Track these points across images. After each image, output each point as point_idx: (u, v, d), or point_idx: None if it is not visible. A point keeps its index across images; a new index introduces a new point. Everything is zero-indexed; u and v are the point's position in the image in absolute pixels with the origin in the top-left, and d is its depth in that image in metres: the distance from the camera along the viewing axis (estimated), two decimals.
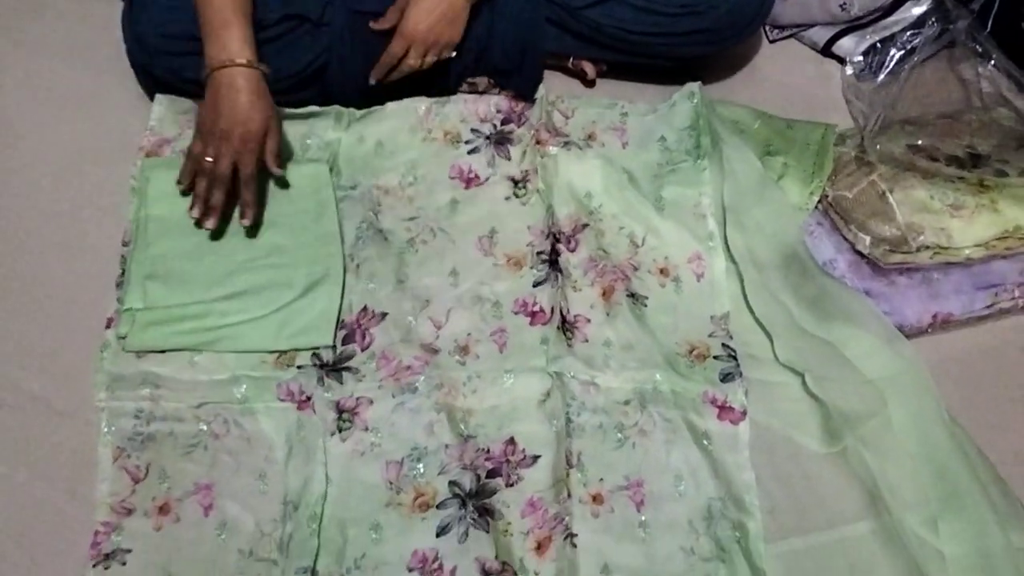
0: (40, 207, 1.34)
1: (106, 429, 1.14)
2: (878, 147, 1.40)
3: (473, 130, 1.47)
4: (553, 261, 1.32)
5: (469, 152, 1.43)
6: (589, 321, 1.29)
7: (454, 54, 1.38)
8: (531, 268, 1.33)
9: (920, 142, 1.42)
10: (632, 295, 1.31)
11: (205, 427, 1.16)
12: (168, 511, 1.10)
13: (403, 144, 1.43)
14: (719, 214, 1.38)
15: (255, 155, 1.22)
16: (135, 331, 1.20)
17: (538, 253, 1.34)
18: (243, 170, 1.22)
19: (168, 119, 1.41)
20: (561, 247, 1.34)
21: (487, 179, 1.41)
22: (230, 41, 1.21)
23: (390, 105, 1.45)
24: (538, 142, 1.43)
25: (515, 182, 1.41)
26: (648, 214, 1.38)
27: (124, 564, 1.06)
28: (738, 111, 1.51)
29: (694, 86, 1.50)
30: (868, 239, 1.33)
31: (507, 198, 1.39)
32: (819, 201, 1.40)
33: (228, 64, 1.20)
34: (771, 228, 1.37)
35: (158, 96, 1.42)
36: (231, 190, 1.24)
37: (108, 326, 1.22)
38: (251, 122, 1.20)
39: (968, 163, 1.39)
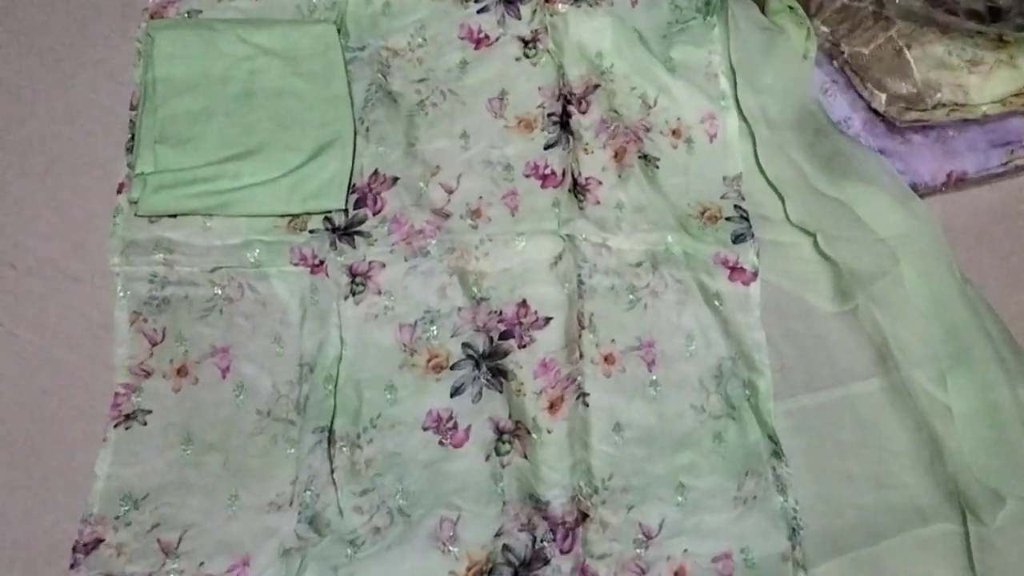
0: (45, 73, 1.32)
1: (121, 294, 1.14)
2: (896, 1, 1.36)
3: None
4: (564, 123, 1.30)
5: (478, 11, 1.38)
6: (601, 183, 1.27)
7: None
8: (542, 130, 1.30)
9: None
10: (644, 156, 1.29)
11: (220, 291, 1.16)
12: (186, 373, 1.11)
13: (411, 4, 1.38)
14: (731, 73, 1.35)
15: None
16: (147, 195, 1.18)
17: (549, 115, 1.31)
18: None
19: None
20: (572, 108, 1.32)
21: (497, 39, 1.37)
22: None
23: None
24: (547, 0, 1.38)
25: (525, 42, 1.36)
26: (660, 74, 1.35)
27: (145, 424, 1.08)
28: None
29: None
30: (884, 97, 1.30)
31: (517, 59, 1.35)
32: (834, 58, 1.36)
33: None
34: (782, 86, 1.33)
35: None
36: None
37: (120, 191, 1.21)
38: None
39: (987, 17, 1.34)
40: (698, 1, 1.42)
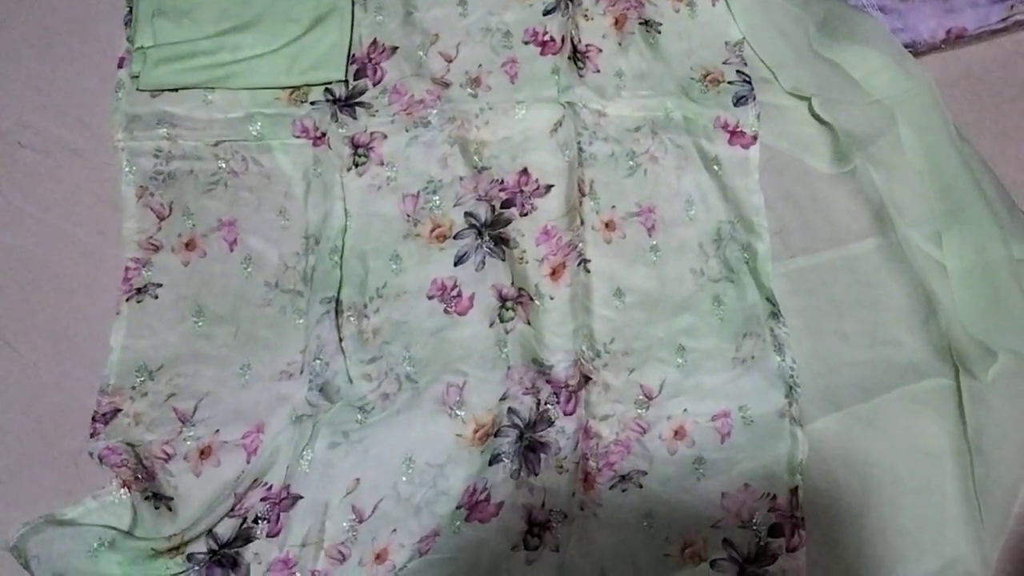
0: None
1: (127, 169, 1.13)
2: None
3: None
4: None
5: None
6: (601, 51, 1.23)
7: None
8: None
9: None
10: (645, 22, 1.26)
11: (224, 164, 1.15)
12: (194, 246, 1.11)
13: None
14: None
15: None
16: (147, 69, 1.16)
17: None
18: None
19: None
20: None
21: None
22: None
23: None
24: None
25: None
26: None
27: (156, 298, 1.08)
28: None
29: None
30: None
31: None
32: None
33: None
34: None
35: None
36: None
37: (120, 66, 1.19)
38: None
39: None
40: None
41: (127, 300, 1.07)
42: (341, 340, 1.06)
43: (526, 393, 1.03)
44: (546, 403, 1.03)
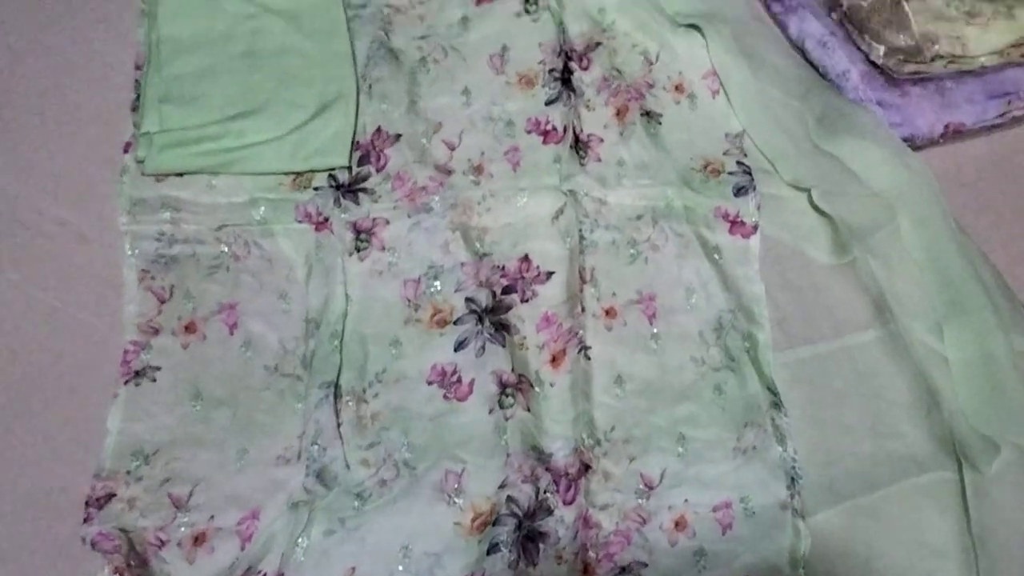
0: (51, 33, 1.30)
1: (130, 252, 1.13)
2: None
3: None
4: (566, 79, 1.28)
5: None
6: (602, 141, 1.25)
7: None
8: (543, 86, 1.28)
9: None
10: (647, 113, 1.28)
11: (226, 248, 1.14)
12: (194, 330, 1.10)
13: None
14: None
15: None
16: (153, 154, 1.17)
17: (550, 71, 1.29)
18: None
19: None
20: (574, 65, 1.30)
21: None
22: None
23: None
24: None
25: None
26: (662, 30, 1.33)
27: (154, 381, 1.06)
28: None
29: None
30: (882, 49, 1.28)
31: (518, 14, 1.33)
32: (832, 11, 1.35)
33: None
34: (773, 55, 1.33)
35: None
36: None
37: (126, 150, 1.19)
38: None
39: None
40: None
41: (125, 383, 1.06)
42: (339, 425, 1.04)
43: (525, 481, 1.01)
44: (545, 492, 1.01)
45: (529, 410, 1.06)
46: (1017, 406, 1.06)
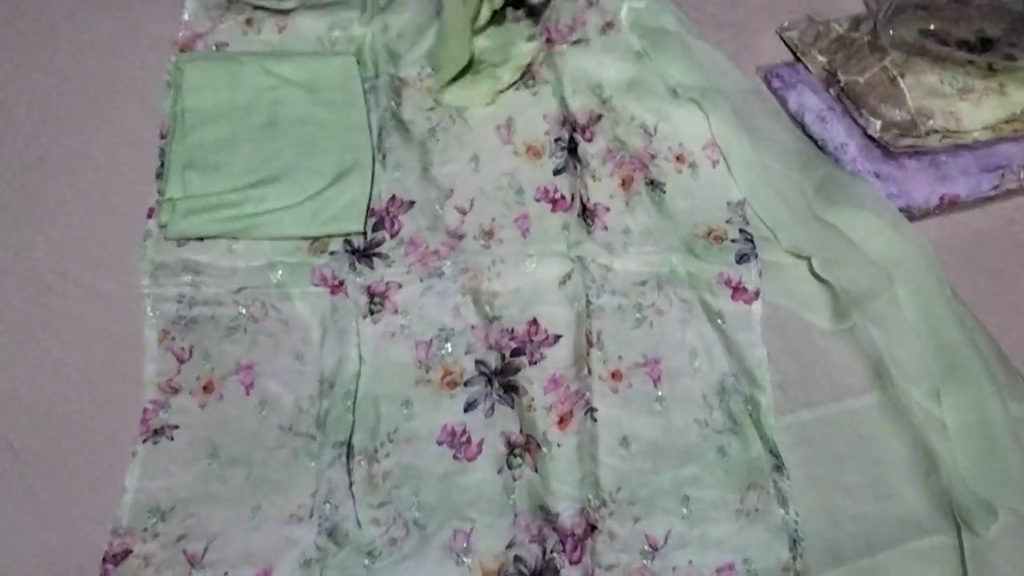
0: (79, 102, 1.32)
1: (151, 313, 1.14)
2: (890, 32, 1.37)
3: None
4: (572, 150, 1.30)
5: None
6: (609, 209, 1.27)
7: None
8: (550, 156, 1.30)
9: (932, 27, 1.38)
10: (651, 183, 1.30)
11: (244, 311, 1.16)
12: (212, 390, 1.11)
13: (422, 35, 1.40)
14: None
15: None
16: (175, 219, 1.19)
17: (556, 140, 1.31)
18: None
19: (200, 14, 1.39)
20: (578, 137, 1.32)
21: None
22: None
23: None
24: (549, 40, 1.41)
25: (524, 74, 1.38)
26: (660, 103, 1.36)
27: (172, 439, 1.07)
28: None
29: None
30: (879, 123, 1.30)
31: (517, 88, 1.37)
32: (830, 87, 1.38)
33: None
34: (773, 129, 1.35)
35: None
36: None
37: (150, 216, 1.21)
38: None
39: (978, 47, 1.36)
40: None
41: (144, 441, 1.06)
42: (351, 484, 1.05)
43: (532, 541, 1.02)
44: (552, 551, 1.01)
45: (537, 470, 1.06)
46: (1014, 472, 1.06)
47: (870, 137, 1.32)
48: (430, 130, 1.32)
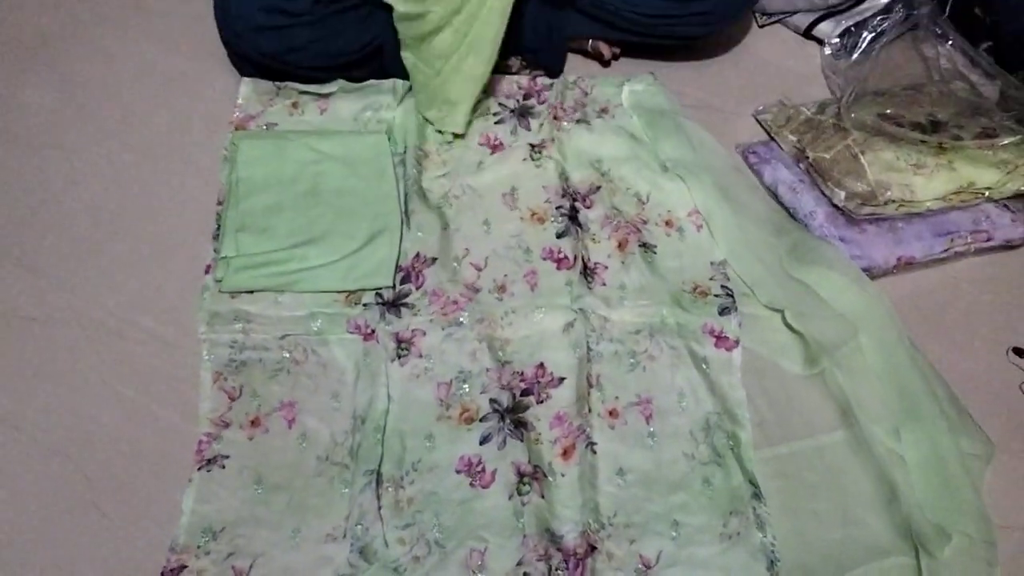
0: (150, 172, 1.34)
1: (207, 357, 1.15)
2: (852, 115, 1.38)
3: (500, 104, 1.46)
4: (572, 216, 1.31)
5: (496, 122, 1.42)
6: (607, 268, 1.27)
7: None
8: (552, 222, 1.31)
9: (888, 111, 1.40)
10: (643, 245, 1.30)
11: (288, 355, 1.16)
12: (258, 424, 1.11)
13: None
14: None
15: None
16: (229, 275, 1.20)
17: (557, 208, 1.32)
18: None
19: (253, 98, 1.41)
20: (579, 205, 1.33)
21: (510, 145, 1.39)
22: None
23: None
24: (555, 118, 1.42)
25: (533, 147, 1.39)
26: (652, 176, 1.37)
27: (223, 468, 1.07)
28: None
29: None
30: (843, 194, 1.31)
31: (524, 160, 1.38)
32: (800, 162, 1.39)
33: None
34: (750, 199, 1.36)
35: (244, 79, 1.43)
36: None
37: (207, 272, 1.22)
38: None
39: (929, 129, 1.37)
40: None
41: (198, 470, 1.06)
42: (380, 508, 1.04)
43: (539, 560, 1.01)
44: (557, 569, 1.00)
45: (543, 497, 1.06)
46: (965, 500, 1.06)
47: (835, 206, 1.32)
48: (443, 196, 1.33)
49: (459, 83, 1.34)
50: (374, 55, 1.41)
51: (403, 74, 1.42)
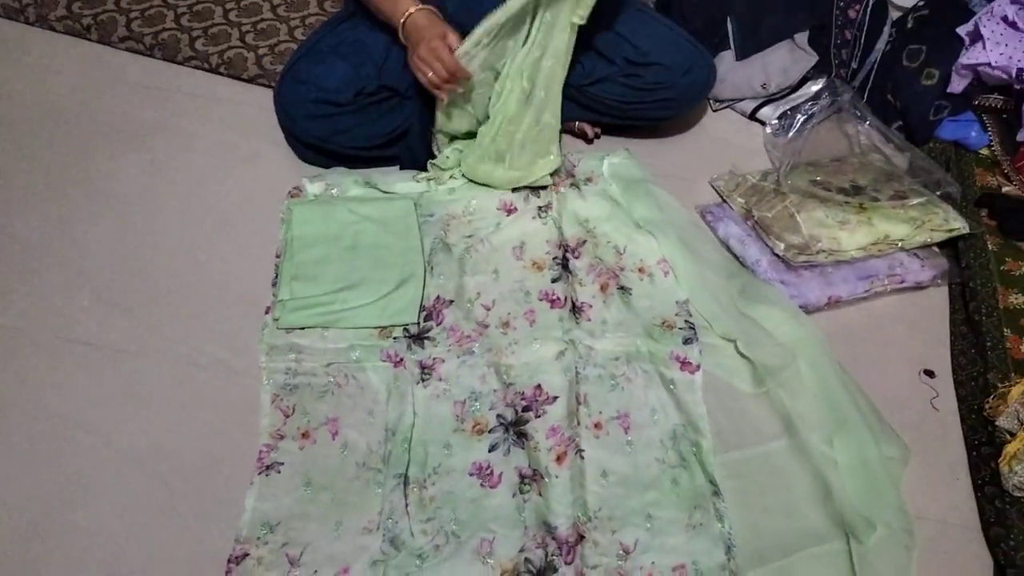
0: (221, 232, 1.36)
1: (266, 382, 1.15)
2: (789, 182, 1.39)
3: None
4: (565, 264, 1.32)
5: (512, 191, 1.42)
6: (591, 306, 1.27)
7: None
8: (549, 270, 1.32)
9: (818, 178, 1.41)
10: (622, 287, 1.30)
11: (332, 379, 1.16)
12: (308, 436, 1.11)
13: (470, 191, 1.42)
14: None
15: (444, 50, 1.23)
16: (285, 315, 1.21)
17: (554, 258, 1.33)
18: (445, 63, 1.22)
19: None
20: (569, 255, 1.34)
21: (522, 209, 1.40)
22: (396, 7, 1.27)
23: None
24: (553, 185, 1.43)
25: (539, 208, 1.40)
26: (628, 231, 1.38)
27: (279, 472, 1.07)
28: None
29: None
30: (783, 245, 1.32)
31: (533, 218, 1.39)
32: (748, 220, 1.39)
33: (407, 14, 1.25)
34: (707, 250, 1.36)
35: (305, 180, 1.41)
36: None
37: (267, 312, 1.23)
38: (432, 36, 1.23)
39: (852, 192, 1.38)
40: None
41: (258, 474, 1.07)
42: (407, 505, 1.04)
43: (538, 547, 1.01)
44: (552, 555, 1.00)
45: (541, 495, 1.05)
46: (887, 496, 1.06)
47: (777, 255, 1.33)
48: (466, 249, 1.34)
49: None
50: (402, 136, 1.42)
51: (425, 151, 1.44)
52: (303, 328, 1.20)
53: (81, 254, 1.30)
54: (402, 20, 1.26)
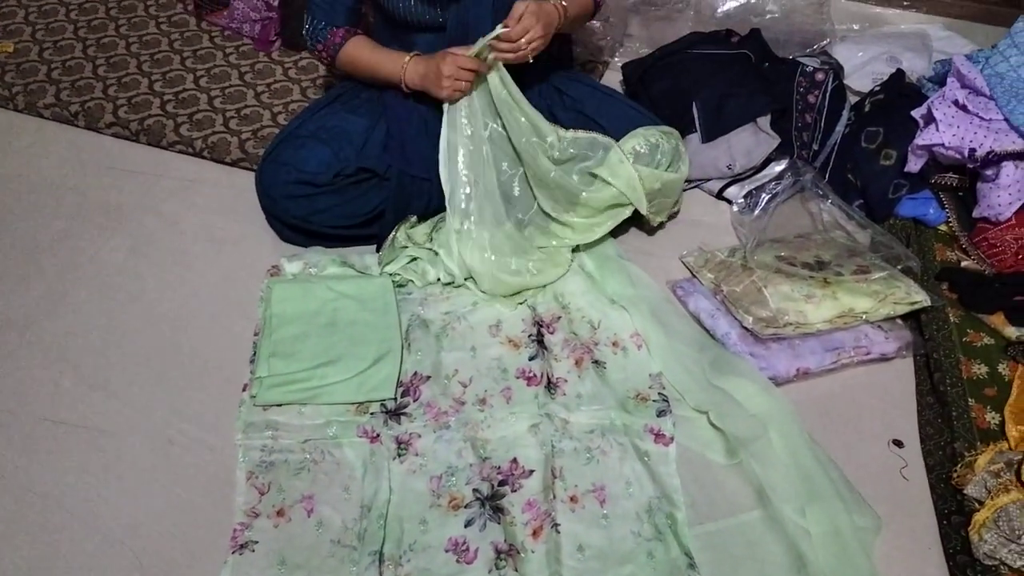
0: (201, 311, 1.37)
1: (242, 459, 1.16)
2: (756, 258, 1.42)
3: None
4: (540, 340, 1.33)
5: None
6: (567, 381, 1.29)
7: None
8: (526, 347, 1.33)
9: (784, 254, 1.44)
10: (596, 361, 1.32)
11: (308, 456, 1.17)
12: (283, 514, 1.11)
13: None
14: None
15: (459, 58, 1.32)
16: (262, 391, 1.21)
17: (529, 335, 1.35)
18: (466, 65, 1.32)
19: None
20: (544, 331, 1.36)
21: None
22: (394, 61, 1.39)
23: None
24: None
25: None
26: (603, 306, 1.40)
27: (253, 551, 1.07)
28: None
29: None
30: (751, 318, 1.33)
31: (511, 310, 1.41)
32: (717, 294, 1.41)
33: (404, 67, 1.38)
34: (678, 323, 1.38)
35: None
36: None
37: (244, 389, 1.24)
38: (441, 58, 1.33)
39: (816, 267, 1.40)
40: None
41: (232, 553, 1.06)
42: None
43: None
44: None
45: (517, 571, 1.05)
46: (859, 566, 1.06)
47: (745, 328, 1.34)
48: (443, 327, 1.35)
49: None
50: (379, 216, 1.45)
51: None
52: (280, 405, 1.21)
53: (64, 333, 1.32)
54: (403, 65, 1.38)
